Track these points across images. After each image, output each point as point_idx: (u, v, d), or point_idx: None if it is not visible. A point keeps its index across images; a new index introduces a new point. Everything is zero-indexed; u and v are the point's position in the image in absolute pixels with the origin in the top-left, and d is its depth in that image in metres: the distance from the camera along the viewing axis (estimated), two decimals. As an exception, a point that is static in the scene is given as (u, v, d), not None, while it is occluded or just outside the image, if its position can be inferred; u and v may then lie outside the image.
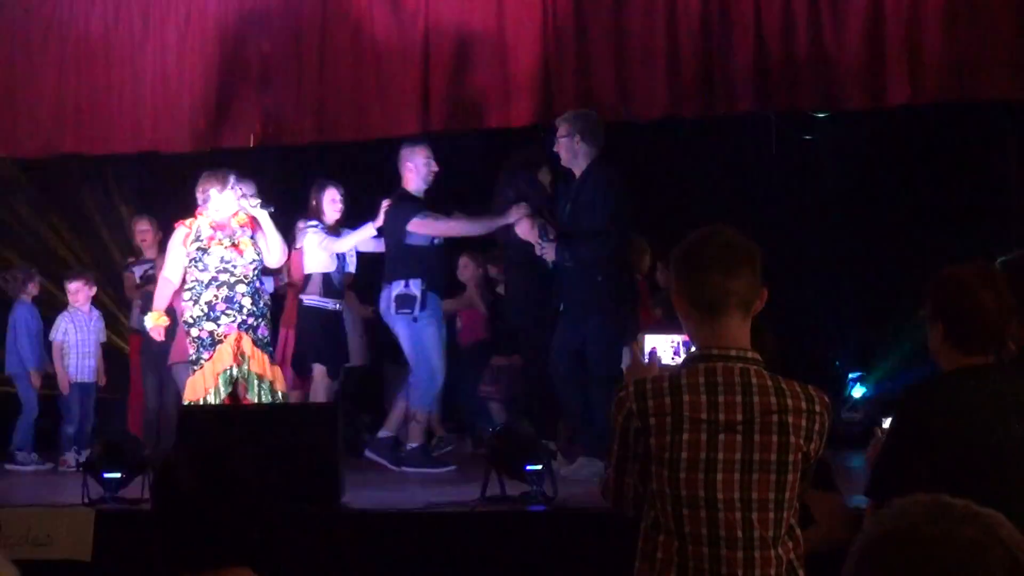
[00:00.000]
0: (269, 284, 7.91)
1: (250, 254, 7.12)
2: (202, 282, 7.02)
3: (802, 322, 9.26)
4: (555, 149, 6.98)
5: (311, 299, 7.95)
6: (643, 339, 3.14)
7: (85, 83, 9.24)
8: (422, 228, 7.52)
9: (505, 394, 8.70)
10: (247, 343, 7.00)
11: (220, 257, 7.05)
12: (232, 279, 7.05)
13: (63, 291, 8.83)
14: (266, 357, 7.09)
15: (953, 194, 8.95)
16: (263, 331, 7.15)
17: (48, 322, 8.66)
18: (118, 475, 5.99)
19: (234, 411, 6.65)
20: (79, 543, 5.62)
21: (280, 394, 7.09)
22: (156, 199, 9.59)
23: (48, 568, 5.35)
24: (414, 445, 7.45)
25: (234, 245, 7.10)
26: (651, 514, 2.66)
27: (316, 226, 7.95)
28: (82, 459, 7.13)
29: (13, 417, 8.51)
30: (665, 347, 3.13)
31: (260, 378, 7.00)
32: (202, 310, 6.99)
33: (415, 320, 7.32)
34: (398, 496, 6.35)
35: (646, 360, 3.01)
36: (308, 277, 8.00)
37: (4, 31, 9.24)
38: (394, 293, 7.39)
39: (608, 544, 4.90)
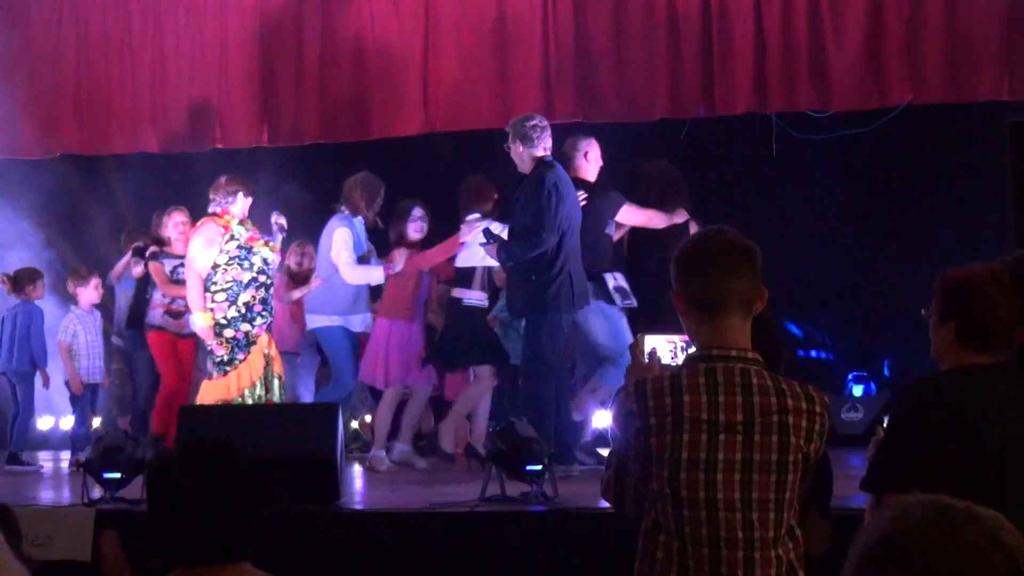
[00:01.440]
0: (379, 273, 7.72)
1: (278, 257, 7.30)
2: (241, 282, 7.05)
3: (802, 322, 9.27)
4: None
5: (471, 296, 7.62)
6: (643, 339, 3.13)
7: (85, 85, 9.25)
8: (631, 216, 7.53)
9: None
10: (272, 345, 7.14)
11: (264, 258, 7.13)
12: (268, 281, 7.16)
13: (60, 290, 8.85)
14: (279, 357, 7.23)
15: (953, 194, 8.94)
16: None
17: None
18: (118, 475, 5.99)
19: (234, 411, 6.66)
20: (79, 543, 5.61)
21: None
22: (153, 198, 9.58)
23: (48, 568, 5.34)
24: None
25: (270, 247, 7.17)
26: (651, 514, 2.66)
27: (478, 218, 7.63)
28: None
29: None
30: (665, 347, 3.12)
31: (280, 379, 7.14)
32: (239, 311, 7.02)
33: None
34: (398, 496, 6.35)
35: (646, 360, 3.01)
36: (467, 272, 7.65)
37: (5, 32, 9.25)
38: (613, 285, 7.30)
39: (608, 544, 4.90)
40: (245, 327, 7.01)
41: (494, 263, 7.47)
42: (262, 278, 7.10)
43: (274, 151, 9.22)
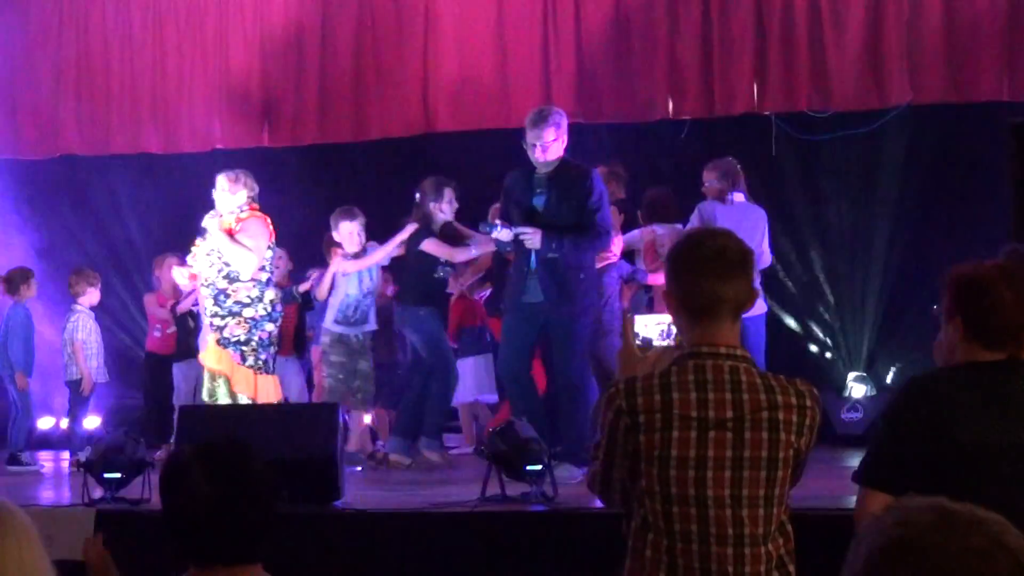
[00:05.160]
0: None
1: (201, 260, 7.19)
2: None
3: (802, 321, 9.26)
4: (532, 142, 6.60)
5: None
6: (633, 319, 3.13)
7: (85, 86, 9.25)
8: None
9: None
10: (210, 345, 7.13)
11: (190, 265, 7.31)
12: (199, 283, 7.27)
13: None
14: (227, 354, 7.08)
15: (953, 194, 8.94)
16: (233, 330, 7.12)
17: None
18: (118, 475, 5.98)
19: (234, 411, 6.65)
20: (79, 543, 5.60)
21: (240, 397, 7.03)
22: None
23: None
24: None
25: (194, 253, 7.24)
26: (640, 512, 2.67)
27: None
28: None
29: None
30: (655, 328, 3.12)
31: (213, 376, 7.06)
32: None
33: None
34: (398, 496, 6.34)
35: (638, 342, 3.02)
36: None
37: (5, 32, 9.26)
38: None
39: (608, 544, 4.90)
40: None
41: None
42: (199, 283, 7.31)
43: (273, 151, 9.22)
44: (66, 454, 8.64)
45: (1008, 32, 7.89)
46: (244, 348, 7.11)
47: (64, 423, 9.09)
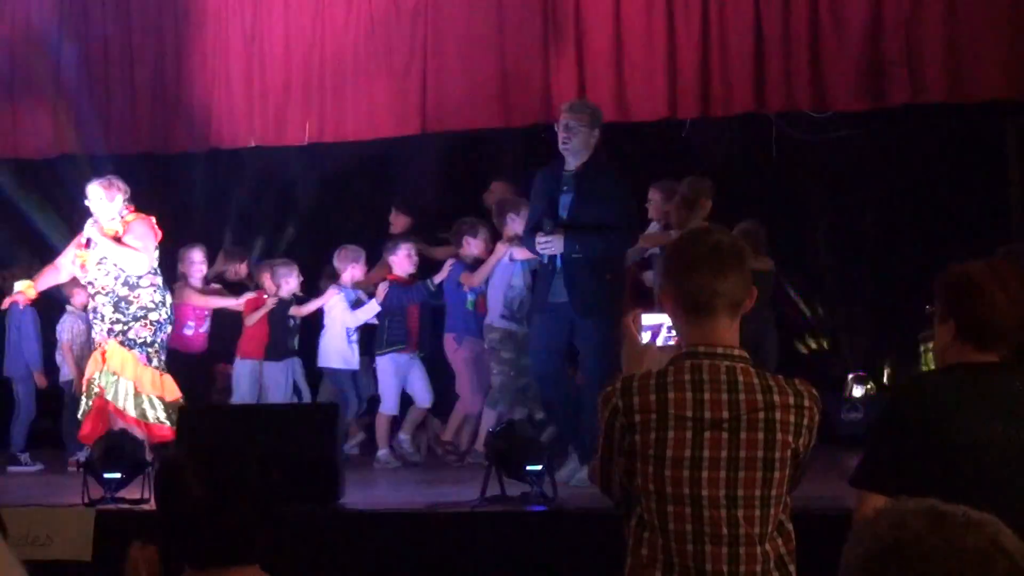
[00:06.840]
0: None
1: (93, 270, 7.24)
2: None
3: (801, 321, 9.26)
4: (565, 135, 6.53)
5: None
6: (639, 315, 3.13)
7: (86, 85, 9.24)
8: None
9: None
10: (111, 346, 7.14)
11: (82, 275, 7.37)
12: (92, 291, 7.33)
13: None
14: (134, 356, 7.13)
15: (953, 194, 8.94)
16: (139, 332, 7.19)
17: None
18: (118, 475, 5.99)
19: (234, 411, 6.67)
20: (79, 543, 5.62)
21: (146, 397, 7.06)
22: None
23: (48, 568, 5.35)
24: None
25: (83, 264, 7.30)
26: (637, 510, 2.68)
27: None
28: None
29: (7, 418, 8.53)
30: (662, 327, 3.11)
31: (118, 378, 7.10)
32: None
33: None
34: (398, 496, 6.35)
35: (642, 340, 3.02)
36: None
37: (5, 33, 9.25)
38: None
39: (608, 544, 4.90)
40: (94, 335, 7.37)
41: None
42: (90, 290, 7.38)
43: (270, 151, 9.21)
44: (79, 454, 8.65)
45: (1008, 31, 7.87)
46: (149, 350, 7.22)
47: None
